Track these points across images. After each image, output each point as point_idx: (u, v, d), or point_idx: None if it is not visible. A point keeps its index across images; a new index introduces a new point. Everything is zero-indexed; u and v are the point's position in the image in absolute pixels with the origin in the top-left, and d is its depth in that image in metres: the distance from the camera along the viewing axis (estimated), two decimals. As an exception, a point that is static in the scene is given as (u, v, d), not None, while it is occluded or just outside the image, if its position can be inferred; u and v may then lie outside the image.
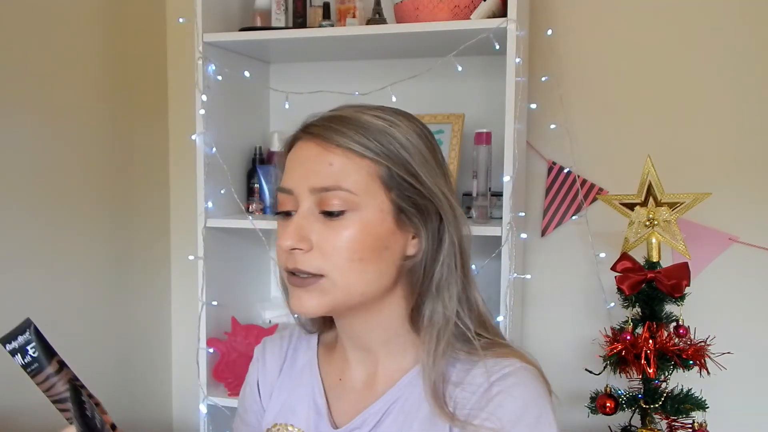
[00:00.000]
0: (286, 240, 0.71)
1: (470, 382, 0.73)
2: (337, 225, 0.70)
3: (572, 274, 1.74)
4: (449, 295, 0.74)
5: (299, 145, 0.74)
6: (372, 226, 0.71)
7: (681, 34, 1.64)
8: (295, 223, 0.71)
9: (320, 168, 0.71)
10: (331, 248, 0.70)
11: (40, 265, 1.57)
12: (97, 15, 1.72)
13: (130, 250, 1.88)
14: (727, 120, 1.63)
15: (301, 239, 0.71)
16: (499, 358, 0.74)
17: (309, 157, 0.72)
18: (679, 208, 1.40)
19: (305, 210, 0.72)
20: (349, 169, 0.70)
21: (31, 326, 0.71)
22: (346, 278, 0.71)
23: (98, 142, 1.74)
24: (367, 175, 0.71)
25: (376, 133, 0.71)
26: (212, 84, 1.62)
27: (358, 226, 0.70)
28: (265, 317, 1.85)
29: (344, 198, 0.70)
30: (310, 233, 0.71)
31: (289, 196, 0.73)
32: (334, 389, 0.82)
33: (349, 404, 0.79)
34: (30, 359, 0.67)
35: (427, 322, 0.74)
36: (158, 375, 2.03)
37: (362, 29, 1.52)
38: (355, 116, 0.73)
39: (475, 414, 0.71)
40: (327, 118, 0.74)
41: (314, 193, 0.71)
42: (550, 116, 1.71)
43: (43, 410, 1.58)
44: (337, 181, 0.70)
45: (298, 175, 0.72)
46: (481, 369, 0.73)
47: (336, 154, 0.71)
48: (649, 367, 1.32)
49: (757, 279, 1.62)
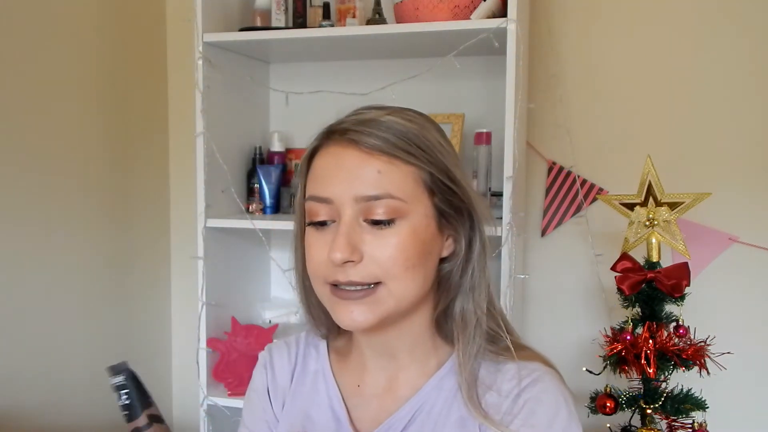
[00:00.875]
0: (336, 253, 0.67)
1: (499, 387, 0.73)
2: (387, 233, 0.69)
3: (572, 274, 1.74)
4: (480, 294, 0.74)
5: (334, 152, 0.71)
6: (420, 232, 0.70)
7: (681, 34, 1.64)
8: (344, 234, 0.68)
9: (366, 176, 0.68)
10: (386, 258, 0.68)
11: (39, 265, 1.57)
12: (97, 15, 1.72)
13: (130, 250, 1.88)
14: (727, 120, 1.63)
15: (354, 251, 0.68)
16: (525, 362, 0.74)
17: (352, 164, 0.69)
18: (679, 208, 1.40)
19: (350, 219, 0.69)
20: (395, 176, 0.69)
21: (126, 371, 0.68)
22: (402, 287, 0.69)
23: (98, 142, 1.74)
24: (413, 182, 0.70)
25: (414, 138, 0.70)
26: (212, 84, 1.62)
27: (408, 232, 0.69)
28: (265, 317, 1.85)
29: (394, 206, 0.68)
30: (360, 243, 0.68)
31: (326, 206, 0.70)
32: (352, 397, 0.80)
33: (371, 411, 0.78)
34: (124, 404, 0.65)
35: (459, 321, 0.74)
36: (158, 375, 2.03)
37: (362, 29, 1.52)
38: (387, 120, 0.71)
39: (508, 420, 0.71)
40: (360, 122, 0.71)
41: (360, 202, 0.68)
42: (550, 116, 1.71)
43: (43, 410, 1.58)
44: (386, 189, 0.68)
45: (340, 183, 0.69)
46: (510, 374, 0.73)
47: (382, 161, 0.69)
48: (649, 367, 1.32)
49: (757, 279, 1.62)
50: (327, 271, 0.70)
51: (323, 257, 0.70)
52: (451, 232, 0.74)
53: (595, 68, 1.70)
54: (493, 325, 0.76)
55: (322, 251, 0.70)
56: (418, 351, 0.77)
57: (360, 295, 0.69)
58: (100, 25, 1.73)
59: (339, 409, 0.79)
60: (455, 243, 0.75)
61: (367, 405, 0.78)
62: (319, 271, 0.71)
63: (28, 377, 1.53)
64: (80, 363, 1.70)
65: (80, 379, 1.70)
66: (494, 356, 0.75)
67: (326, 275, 0.70)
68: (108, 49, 1.76)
